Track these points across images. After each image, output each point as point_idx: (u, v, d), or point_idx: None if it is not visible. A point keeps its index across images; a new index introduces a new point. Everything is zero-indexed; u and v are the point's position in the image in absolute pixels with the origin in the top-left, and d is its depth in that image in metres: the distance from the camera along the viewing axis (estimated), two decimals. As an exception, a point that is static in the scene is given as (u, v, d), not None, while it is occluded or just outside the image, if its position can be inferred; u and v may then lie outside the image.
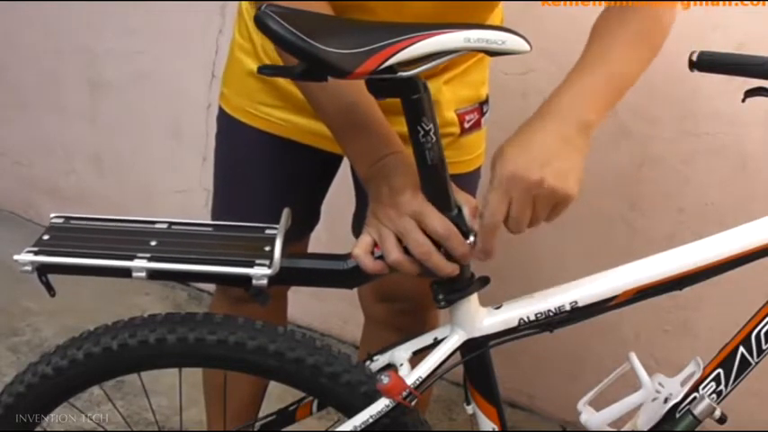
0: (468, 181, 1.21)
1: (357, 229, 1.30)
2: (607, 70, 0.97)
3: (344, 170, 1.23)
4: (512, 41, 0.86)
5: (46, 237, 0.93)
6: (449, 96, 1.16)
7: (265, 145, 1.19)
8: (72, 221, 0.97)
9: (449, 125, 1.17)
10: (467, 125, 1.17)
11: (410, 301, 1.32)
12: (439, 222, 0.89)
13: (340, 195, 1.31)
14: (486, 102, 1.21)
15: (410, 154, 0.92)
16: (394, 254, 0.90)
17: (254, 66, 1.16)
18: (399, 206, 0.90)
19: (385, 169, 0.93)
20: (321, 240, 1.35)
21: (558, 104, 0.95)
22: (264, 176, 1.23)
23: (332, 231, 1.37)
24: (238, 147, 1.23)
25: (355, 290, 1.36)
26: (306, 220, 1.31)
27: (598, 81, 0.97)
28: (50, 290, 0.93)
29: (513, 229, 0.91)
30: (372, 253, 0.92)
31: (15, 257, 0.89)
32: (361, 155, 0.97)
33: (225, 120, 1.24)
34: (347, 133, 0.97)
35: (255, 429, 1.14)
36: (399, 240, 0.90)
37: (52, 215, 0.97)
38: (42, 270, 0.91)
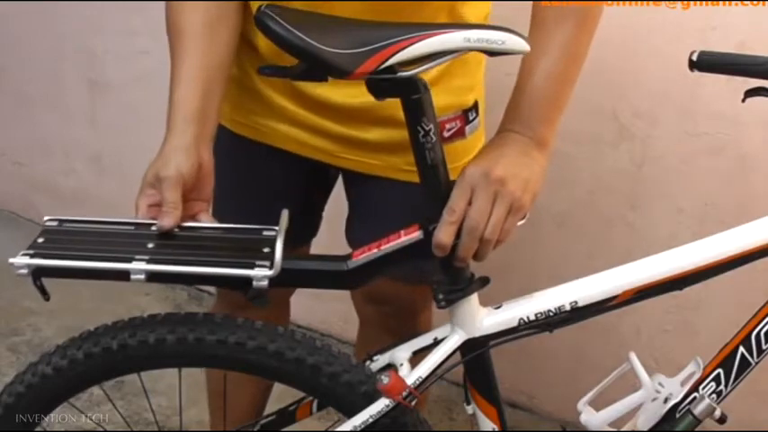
0: None
1: (351, 235, 1.29)
2: (555, 72, 0.99)
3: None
4: (512, 41, 0.87)
5: (41, 240, 0.92)
6: None
7: (252, 153, 1.18)
8: (66, 224, 0.95)
9: None
10: (446, 134, 1.11)
11: (396, 304, 1.31)
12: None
13: (340, 197, 1.31)
14: (472, 109, 1.13)
15: None
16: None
17: (235, 71, 1.15)
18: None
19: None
20: (322, 243, 1.35)
21: (513, 123, 0.99)
22: (251, 185, 1.21)
23: (333, 233, 1.36)
24: (221, 155, 1.20)
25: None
26: (300, 230, 1.27)
27: (549, 88, 0.99)
28: (44, 294, 0.91)
29: (472, 226, 0.91)
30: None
31: (11, 261, 0.88)
32: None
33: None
34: None
35: (255, 429, 1.14)
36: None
37: (46, 218, 0.95)
38: (37, 273, 0.89)
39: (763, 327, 1.00)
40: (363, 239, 0.98)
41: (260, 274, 0.89)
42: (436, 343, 1.01)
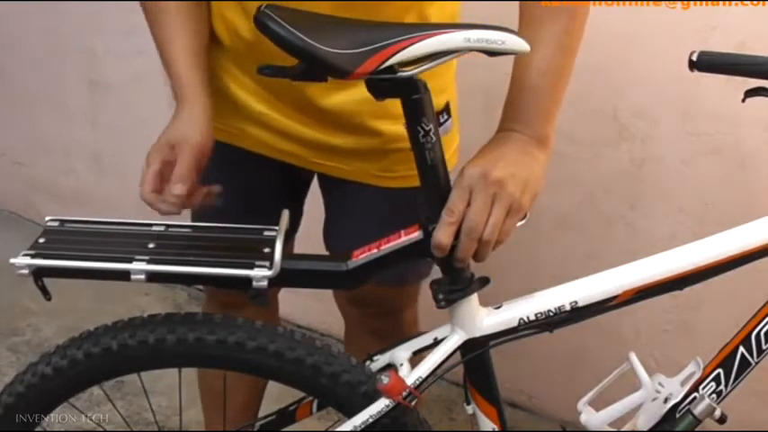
0: None
1: (327, 241, 1.28)
2: (551, 67, 0.99)
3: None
4: (511, 41, 0.87)
5: (42, 240, 0.92)
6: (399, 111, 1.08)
7: (225, 154, 1.15)
8: (67, 224, 0.95)
9: (397, 141, 1.10)
10: None
11: (378, 305, 1.30)
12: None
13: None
14: (443, 111, 1.14)
15: None
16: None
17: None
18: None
19: None
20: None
21: (512, 122, 0.99)
22: (229, 185, 1.20)
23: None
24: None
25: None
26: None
27: (546, 83, 0.99)
28: (46, 294, 0.92)
29: (471, 227, 0.90)
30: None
31: (12, 261, 0.88)
32: None
33: None
34: None
35: (255, 430, 1.14)
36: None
37: (47, 218, 0.95)
38: (38, 274, 0.90)
39: (763, 327, 1.00)
40: (338, 244, 0.98)
41: (259, 274, 0.89)
42: (436, 343, 1.01)
